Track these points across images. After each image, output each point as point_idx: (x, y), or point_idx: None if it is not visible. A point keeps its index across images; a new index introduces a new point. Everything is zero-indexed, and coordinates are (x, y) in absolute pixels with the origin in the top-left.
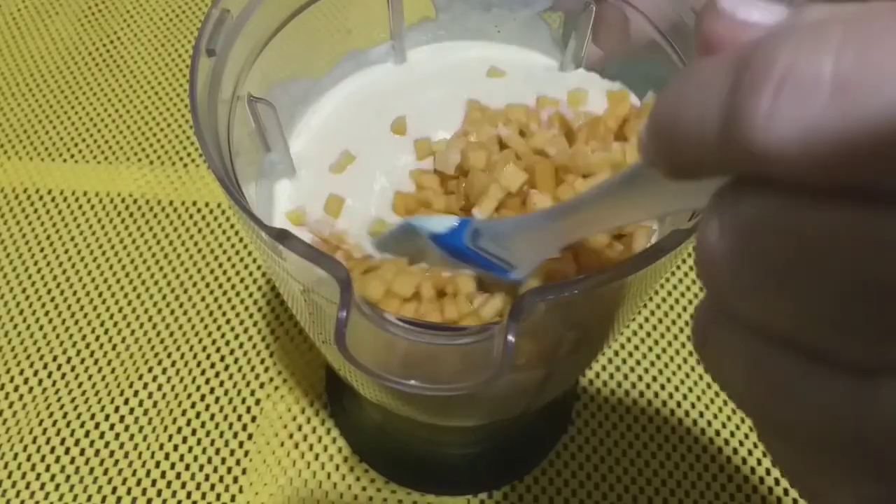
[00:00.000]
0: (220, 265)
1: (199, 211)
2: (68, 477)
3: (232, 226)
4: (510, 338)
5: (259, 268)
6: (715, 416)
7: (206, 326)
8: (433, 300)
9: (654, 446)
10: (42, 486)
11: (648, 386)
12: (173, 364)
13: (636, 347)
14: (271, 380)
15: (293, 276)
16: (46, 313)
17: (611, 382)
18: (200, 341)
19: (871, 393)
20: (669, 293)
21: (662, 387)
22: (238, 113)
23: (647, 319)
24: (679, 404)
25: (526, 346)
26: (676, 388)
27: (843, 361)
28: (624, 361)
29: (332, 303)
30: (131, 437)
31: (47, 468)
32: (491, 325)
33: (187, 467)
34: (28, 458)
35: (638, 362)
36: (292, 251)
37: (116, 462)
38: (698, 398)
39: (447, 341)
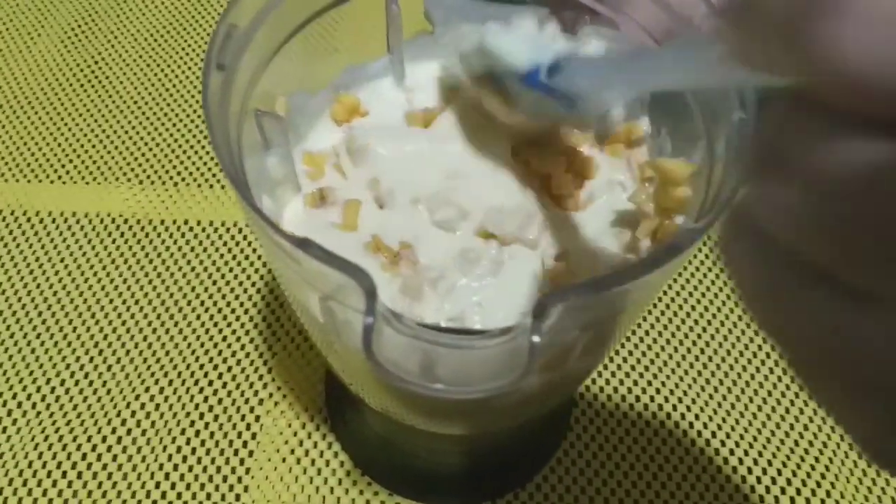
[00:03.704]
0: (215, 283)
1: (191, 229)
2: (66, 501)
3: (225, 243)
4: (535, 339)
5: (254, 284)
6: (710, 419)
7: (202, 344)
8: None
9: (652, 450)
10: None
11: (644, 391)
12: (170, 383)
13: (630, 353)
14: (270, 395)
15: (311, 284)
16: (38, 336)
17: (607, 388)
18: (198, 359)
19: (864, 316)
20: (660, 299)
21: (658, 391)
22: (246, 126)
23: (639, 325)
24: (675, 407)
25: (546, 348)
26: (671, 392)
27: (844, 283)
28: (619, 367)
29: (350, 309)
30: (129, 459)
31: (44, 493)
32: (514, 327)
33: (188, 486)
34: (24, 483)
35: (633, 367)
36: (314, 259)
37: (115, 484)
38: (693, 402)
39: (472, 344)
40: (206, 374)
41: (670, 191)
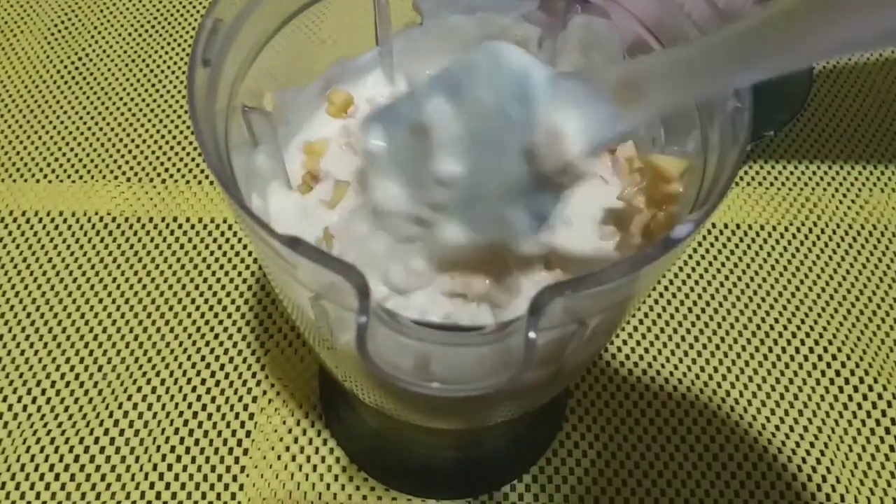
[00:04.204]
0: (205, 280)
1: (180, 227)
2: (59, 503)
3: (215, 240)
4: (531, 335)
5: (245, 281)
6: (704, 408)
7: (194, 343)
8: None
9: (647, 439)
10: None
11: (639, 380)
12: (163, 382)
13: (624, 342)
14: (264, 393)
15: (302, 283)
16: (27, 338)
17: (602, 378)
18: (189, 358)
19: None
20: (654, 289)
21: (652, 379)
22: (233, 123)
23: (633, 315)
24: (670, 396)
25: (543, 344)
26: (666, 381)
27: None
28: (613, 357)
29: (342, 308)
30: (123, 460)
31: (37, 496)
32: (510, 323)
33: (183, 486)
34: (17, 487)
35: (627, 357)
36: (305, 258)
37: (109, 486)
38: (688, 390)
39: (467, 341)
40: (198, 373)
41: (662, 187)
